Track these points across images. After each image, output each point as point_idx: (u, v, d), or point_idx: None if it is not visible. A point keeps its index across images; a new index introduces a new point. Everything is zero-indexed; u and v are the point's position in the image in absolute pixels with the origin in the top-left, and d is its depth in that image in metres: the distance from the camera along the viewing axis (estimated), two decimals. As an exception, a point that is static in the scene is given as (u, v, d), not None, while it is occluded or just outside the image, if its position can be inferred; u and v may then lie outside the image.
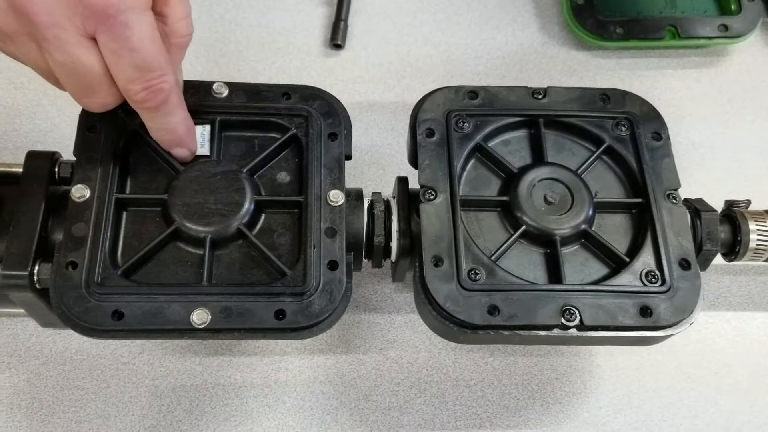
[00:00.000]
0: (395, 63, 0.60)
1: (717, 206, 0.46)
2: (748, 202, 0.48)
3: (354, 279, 0.41)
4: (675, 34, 0.60)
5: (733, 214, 0.46)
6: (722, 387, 0.50)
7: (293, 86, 0.44)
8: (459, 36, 0.62)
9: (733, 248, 0.46)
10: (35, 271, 0.39)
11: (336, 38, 0.59)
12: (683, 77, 0.61)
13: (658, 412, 0.49)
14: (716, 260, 0.46)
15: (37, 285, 0.39)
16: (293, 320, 0.38)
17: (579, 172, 0.44)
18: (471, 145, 0.44)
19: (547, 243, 0.42)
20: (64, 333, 0.48)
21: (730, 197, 0.48)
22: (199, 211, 0.40)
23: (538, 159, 0.44)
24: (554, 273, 0.41)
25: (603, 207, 0.43)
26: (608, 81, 0.60)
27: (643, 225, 0.43)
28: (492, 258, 0.41)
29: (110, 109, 0.42)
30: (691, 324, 0.40)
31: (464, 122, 0.44)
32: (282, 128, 0.44)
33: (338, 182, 0.42)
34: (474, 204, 0.43)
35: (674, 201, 0.43)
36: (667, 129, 0.45)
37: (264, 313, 0.38)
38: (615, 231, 0.43)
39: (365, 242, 0.43)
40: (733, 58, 0.62)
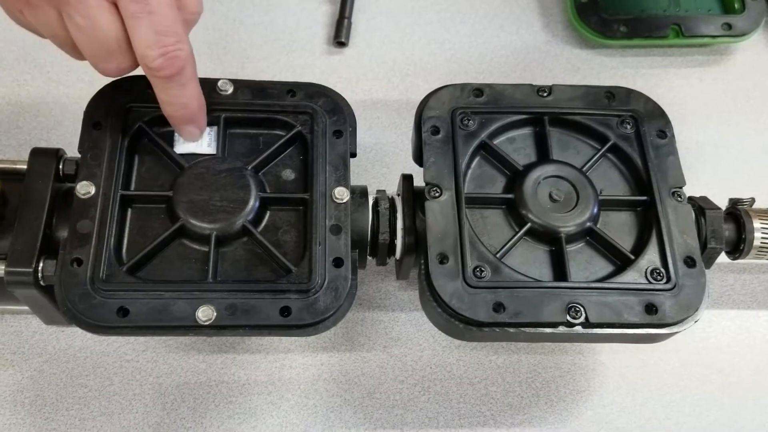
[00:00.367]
0: (399, 61, 0.60)
1: (721, 204, 0.46)
2: (753, 200, 0.47)
3: (358, 276, 0.41)
4: (679, 33, 0.60)
5: (738, 212, 0.46)
6: (726, 385, 0.50)
7: (298, 83, 0.44)
8: (463, 34, 0.62)
9: (738, 246, 0.46)
10: (40, 268, 0.39)
11: (340, 36, 0.59)
12: (687, 76, 0.61)
13: (662, 410, 0.49)
14: (720, 258, 0.46)
15: (42, 282, 0.39)
16: (299, 317, 0.38)
17: (584, 170, 0.44)
18: (476, 143, 0.44)
19: (553, 240, 0.42)
20: (68, 330, 0.48)
21: (734, 195, 0.48)
22: (204, 208, 0.40)
23: (543, 157, 0.44)
24: (559, 270, 0.41)
25: (608, 205, 0.43)
26: (612, 79, 0.60)
27: (648, 223, 0.43)
28: (497, 255, 0.41)
29: (115, 108, 0.42)
30: (696, 321, 0.40)
31: (469, 120, 0.44)
32: (287, 125, 0.44)
33: (343, 179, 0.42)
34: (479, 201, 0.43)
35: (679, 199, 0.43)
36: (672, 127, 0.45)
37: (269, 310, 0.38)
38: (620, 229, 0.43)
39: (370, 240, 0.43)
40: (737, 57, 0.62)
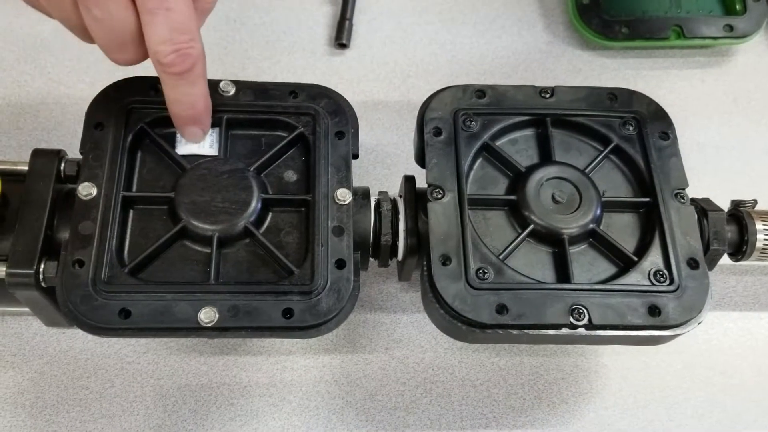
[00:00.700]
0: (400, 62, 0.60)
1: (722, 206, 0.46)
2: (755, 202, 0.47)
3: (360, 278, 0.41)
4: (680, 34, 0.60)
5: (740, 214, 0.46)
6: (728, 387, 0.50)
7: (300, 85, 0.44)
8: (464, 35, 0.62)
9: (740, 248, 0.46)
10: (41, 270, 0.39)
11: (341, 37, 0.59)
12: (688, 77, 0.61)
13: (664, 412, 0.49)
14: (722, 260, 0.46)
15: (43, 283, 0.39)
16: (301, 319, 0.38)
17: (587, 172, 0.44)
18: (478, 144, 0.44)
19: (555, 242, 0.42)
20: (69, 332, 0.48)
21: (736, 197, 0.48)
22: (206, 210, 0.40)
23: (546, 158, 0.44)
24: (562, 272, 0.41)
25: (611, 206, 0.43)
26: (613, 81, 0.60)
27: (651, 224, 0.43)
28: (500, 257, 0.41)
29: (117, 109, 0.42)
30: (700, 323, 0.40)
31: (471, 121, 0.44)
32: (289, 127, 0.43)
33: (345, 181, 0.42)
34: (481, 203, 0.43)
35: (682, 200, 0.43)
36: (674, 128, 0.45)
37: (272, 312, 0.38)
38: (623, 230, 0.43)
39: (372, 241, 0.43)
40: (738, 58, 0.62)
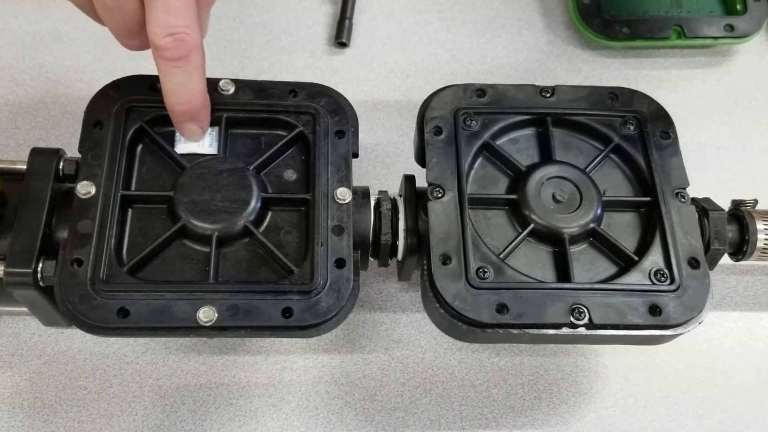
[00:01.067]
0: (400, 61, 0.60)
1: (723, 206, 0.46)
2: (755, 202, 0.47)
3: (360, 278, 0.40)
4: (681, 34, 0.59)
5: (741, 214, 0.46)
6: (729, 387, 0.50)
7: (300, 83, 0.44)
8: (464, 34, 0.61)
9: (741, 248, 0.46)
10: (39, 269, 0.39)
11: (341, 36, 0.59)
12: (689, 77, 0.61)
13: (665, 412, 0.49)
14: (723, 260, 0.45)
15: (41, 282, 0.39)
16: (301, 318, 0.38)
17: (587, 171, 0.44)
18: (479, 144, 0.44)
19: (556, 241, 0.42)
20: (67, 332, 0.48)
21: (737, 197, 0.48)
22: (206, 209, 0.40)
23: (546, 157, 0.44)
24: (563, 271, 0.41)
25: (611, 205, 0.43)
26: (614, 80, 0.60)
27: (652, 224, 0.42)
28: (500, 256, 0.41)
29: (116, 108, 0.42)
30: (700, 323, 0.40)
31: (472, 120, 0.44)
32: (289, 126, 0.43)
33: (345, 180, 0.42)
34: (482, 202, 0.43)
35: (683, 200, 0.43)
36: (675, 128, 0.45)
37: (271, 311, 0.38)
38: (623, 230, 0.43)
39: (372, 241, 0.43)
40: (739, 58, 0.62)
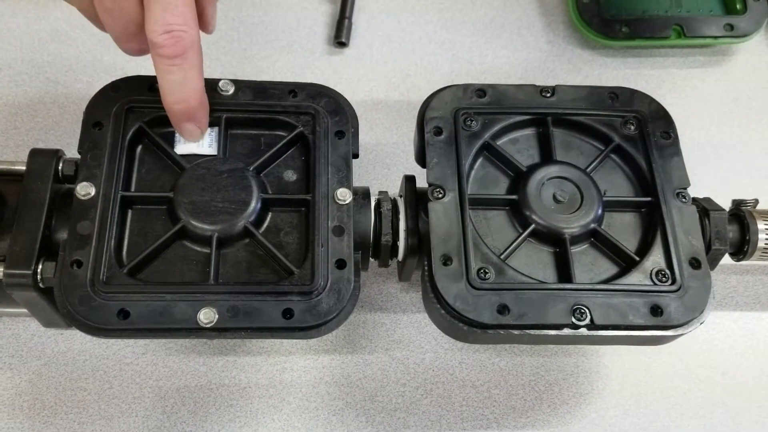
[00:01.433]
0: (400, 61, 0.60)
1: (724, 206, 0.46)
2: (756, 202, 0.47)
3: (360, 278, 0.40)
4: (680, 34, 0.59)
5: (741, 214, 0.46)
6: (730, 387, 0.50)
7: (300, 84, 0.44)
8: (464, 34, 0.61)
9: (742, 248, 0.46)
10: (39, 270, 0.39)
11: (340, 36, 0.59)
12: (689, 77, 0.61)
13: (666, 413, 0.49)
14: (723, 260, 0.45)
15: (41, 284, 0.39)
16: (301, 319, 0.38)
17: (588, 171, 0.44)
18: (479, 144, 0.43)
19: (557, 242, 0.42)
20: (67, 333, 0.48)
21: (737, 197, 0.48)
22: (206, 210, 0.40)
23: (547, 157, 0.44)
24: (564, 272, 0.41)
25: (612, 206, 0.43)
26: (613, 80, 0.60)
27: (653, 224, 0.42)
28: (501, 257, 0.41)
29: (115, 108, 0.42)
30: (702, 323, 0.40)
31: (472, 120, 0.44)
32: (289, 126, 0.43)
33: (346, 180, 0.42)
34: (482, 203, 0.43)
35: (684, 200, 0.43)
36: (676, 128, 0.45)
37: (272, 312, 0.38)
38: (624, 230, 0.43)
39: (372, 241, 0.43)
40: (739, 58, 0.62)
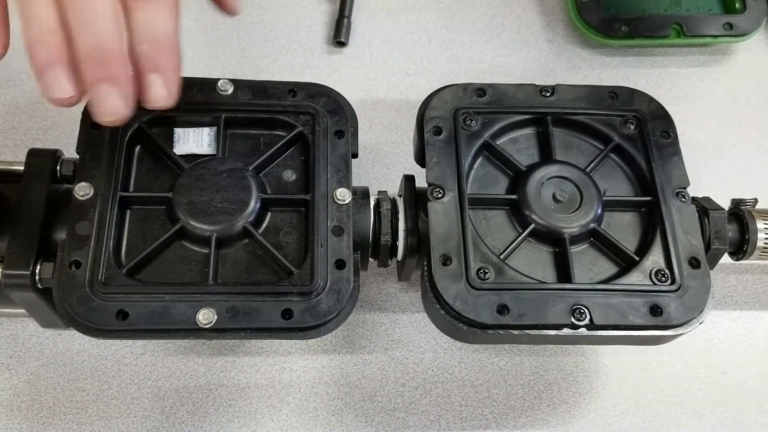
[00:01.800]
0: (399, 60, 0.60)
1: (723, 205, 0.46)
2: (755, 201, 0.47)
3: (360, 278, 0.40)
4: (680, 33, 0.59)
5: (741, 213, 0.46)
6: (729, 386, 0.50)
7: (299, 83, 0.44)
8: (464, 33, 0.61)
9: (741, 247, 0.46)
10: (37, 271, 0.39)
11: (339, 35, 0.59)
12: (688, 75, 0.61)
13: (665, 412, 0.49)
14: (723, 259, 0.45)
15: (39, 285, 0.39)
16: (301, 320, 0.38)
17: (587, 171, 0.43)
18: (479, 143, 0.43)
19: (556, 242, 0.42)
20: (65, 334, 0.48)
21: (736, 196, 0.48)
22: (205, 210, 0.39)
23: (547, 157, 0.44)
24: (563, 272, 0.41)
25: (612, 205, 0.43)
26: (613, 79, 0.60)
27: (653, 223, 0.42)
28: (501, 257, 0.41)
29: None
30: (702, 323, 0.40)
31: (472, 120, 0.44)
32: (288, 126, 0.43)
33: (345, 180, 0.41)
34: (482, 202, 0.42)
35: (683, 199, 0.43)
36: (675, 127, 0.45)
37: (271, 313, 0.38)
38: (624, 230, 0.43)
39: (372, 241, 0.43)
40: (738, 57, 0.62)
